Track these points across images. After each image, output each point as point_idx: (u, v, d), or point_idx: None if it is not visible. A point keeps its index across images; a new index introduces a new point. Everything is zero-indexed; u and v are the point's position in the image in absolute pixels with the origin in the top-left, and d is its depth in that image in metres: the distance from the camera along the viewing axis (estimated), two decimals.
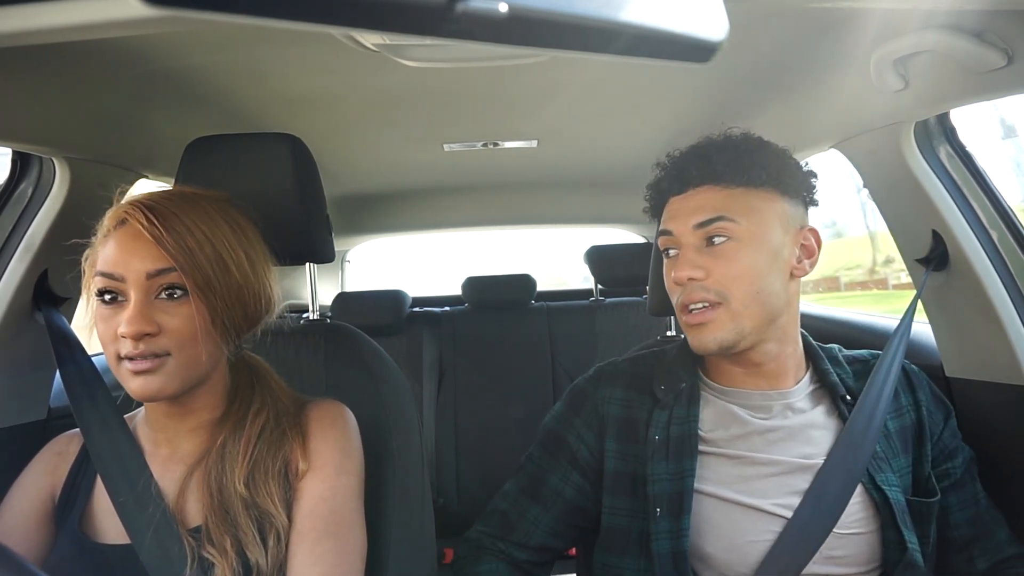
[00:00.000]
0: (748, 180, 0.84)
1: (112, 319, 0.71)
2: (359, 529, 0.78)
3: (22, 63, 0.85)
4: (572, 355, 2.16)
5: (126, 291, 0.71)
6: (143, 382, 0.71)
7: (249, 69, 1.06)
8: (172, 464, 0.79)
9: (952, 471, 0.89)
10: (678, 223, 0.86)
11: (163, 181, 1.28)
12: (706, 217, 0.84)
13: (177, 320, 0.71)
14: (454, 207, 2.31)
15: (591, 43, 0.30)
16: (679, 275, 0.83)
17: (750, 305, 0.82)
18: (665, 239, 0.89)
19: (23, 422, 1.06)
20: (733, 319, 0.82)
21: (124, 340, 0.69)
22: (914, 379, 0.93)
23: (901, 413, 0.90)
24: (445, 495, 2.06)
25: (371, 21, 0.26)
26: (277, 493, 0.76)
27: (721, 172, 0.85)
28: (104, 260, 0.72)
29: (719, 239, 0.83)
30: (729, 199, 0.84)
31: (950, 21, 0.79)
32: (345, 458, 0.80)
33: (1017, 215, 1.03)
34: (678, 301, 0.86)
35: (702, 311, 0.83)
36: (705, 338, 0.83)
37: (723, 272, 0.82)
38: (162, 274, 0.71)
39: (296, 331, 1.01)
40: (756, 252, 0.83)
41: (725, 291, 0.82)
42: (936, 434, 0.89)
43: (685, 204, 0.87)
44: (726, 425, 0.88)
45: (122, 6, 0.45)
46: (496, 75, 1.14)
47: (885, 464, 0.84)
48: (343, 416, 0.84)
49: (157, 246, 0.71)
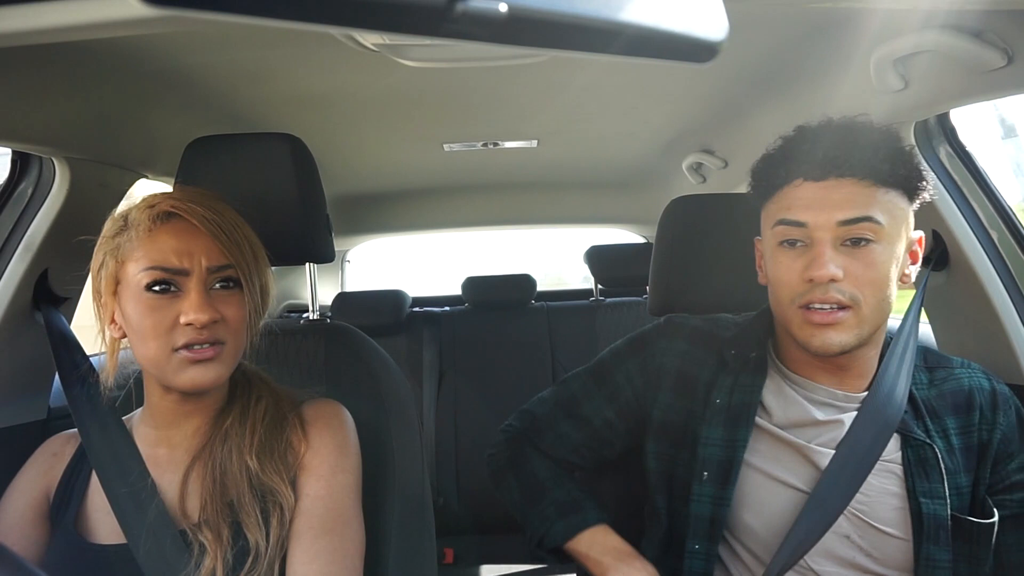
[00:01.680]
0: (893, 180, 0.78)
1: (167, 308, 0.72)
2: (357, 527, 0.79)
3: (22, 63, 0.85)
4: (572, 355, 2.16)
5: (184, 283, 0.73)
6: (202, 371, 0.73)
7: (249, 69, 1.06)
8: (172, 463, 0.79)
9: (1008, 504, 0.84)
10: (817, 214, 0.77)
11: (163, 181, 1.28)
12: (854, 215, 0.76)
13: (232, 310, 0.75)
14: (454, 207, 2.31)
15: (591, 43, 0.30)
16: (821, 274, 0.76)
17: (876, 311, 0.79)
18: (795, 230, 0.79)
19: (23, 422, 1.06)
20: (859, 324, 0.78)
21: (185, 328, 0.71)
22: (1000, 400, 0.86)
23: (970, 430, 0.84)
24: (445, 495, 2.06)
25: (371, 21, 0.26)
26: (283, 471, 0.77)
27: (873, 167, 0.77)
28: (160, 253, 0.72)
29: (862, 240, 0.77)
30: (875, 198, 0.77)
31: (950, 21, 0.79)
32: (342, 456, 0.81)
33: (1017, 215, 1.03)
34: (801, 298, 0.79)
35: (832, 312, 0.78)
36: (831, 339, 0.78)
37: (860, 275, 0.77)
38: (221, 269, 0.75)
39: (296, 331, 1.01)
40: (890, 258, 0.78)
41: (859, 295, 0.77)
42: (1003, 462, 0.84)
43: (827, 194, 0.77)
44: (785, 408, 0.87)
45: (122, 6, 0.45)
46: (496, 75, 1.14)
47: (936, 475, 0.81)
48: (339, 415, 0.85)
49: (215, 241, 0.74)
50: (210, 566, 0.70)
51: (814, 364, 0.86)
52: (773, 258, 0.83)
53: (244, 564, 0.72)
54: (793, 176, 0.80)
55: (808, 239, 0.79)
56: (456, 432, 2.10)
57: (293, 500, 0.76)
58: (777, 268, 0.82)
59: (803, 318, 0.80)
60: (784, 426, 0.86)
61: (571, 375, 1.04)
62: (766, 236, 0.85)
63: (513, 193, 2.24)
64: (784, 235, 0.81)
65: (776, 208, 0.82)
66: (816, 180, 0.78)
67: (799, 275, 0.79)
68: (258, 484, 0.76)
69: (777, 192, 0.82)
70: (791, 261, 0.80)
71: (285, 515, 0.75)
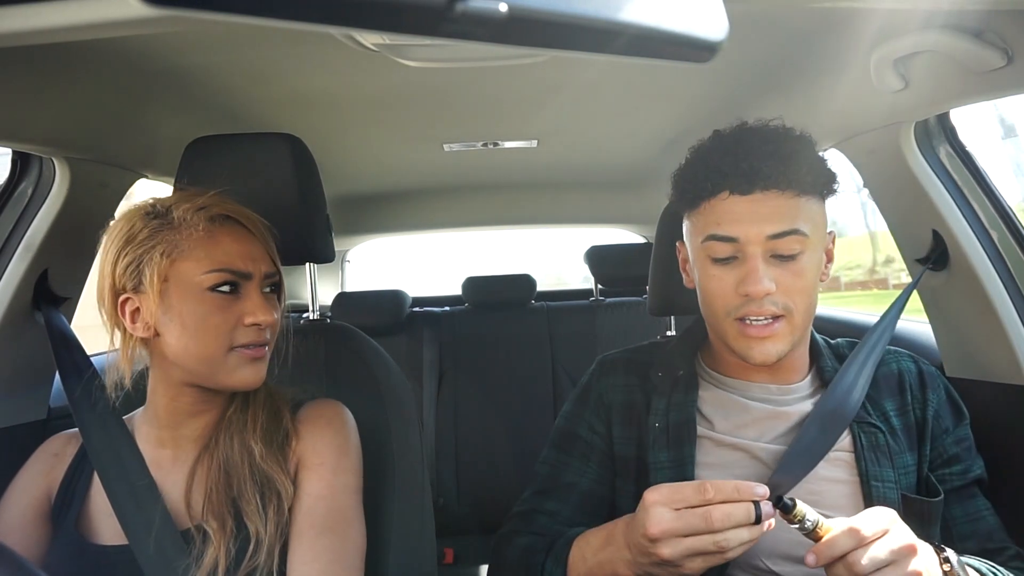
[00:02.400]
0: (814, 188, 0.80)
1: (231, 308, 0.75)
2: (358, 526, 0.79)
3: (22, 63, 0.85)
4: (572, 355, 2.16)
5: (245, 286, 0.77)
6: (255, 369, 0.78)
7: (249, 69, 1.06)
8: (178, 462, 0.79)
9: (948, 478, 0.87)
10: (746, 229, 0.78)
11: (163, 181, 1.28)
12: (782, 228, 0.78)
13: (277, 313, 0.80)
14: (454, 207, 2.31)
15: (591, 43, 0.30)
16: (756, 289, 0.77)
17: (805, 316, 0.82)
18: (726, 245, 0.80)
19: (23, 422, 1.06)
20: (792, 331, 0.81)
21: (248, 329, 0.76)
22: (928, 379, 0.90)
23: (905, 410, 0.89)
24: (445, 495, 2.06)
25: (371, 21, 0.26)
26: (282, 461, 0.79)
27: (796, 178, 0.78)
28: (226, 255, 0.76)
29: (791, 252, 0.79)
30: (799, 208, 0.79)
31: (950, 21, 0.79)
32: (342, 456, 0.81)
33: (1017, 215, 1.03)
34: (737, 311, 0.81)
35: (768, 324, 0.80)
36: (769, 350, 0.80)
37: (791, 285, 0.79)
38: (271, 276, 0.81)
39: (296, 331, 1.01)
40: (815, 264, 0.81)
41: (791, 304, 0.80)
42: (939, 438, 0.88)
43: (755, 208, 0.78)
44: (725, 414, 0.88)
45: (122, 6, 0.45)
46: (496, 75, 1.14)
47: (886, 459, 0.84)
48: (340, 415, 0.85)
49: (266, 248, 0.80)
50: (213, 556, 0.71)
51: (748, 367, 0.87)
52: (704, 271, 0.84)
53: (246, 554, 0.72)
54: (719, 189, 0.80)
55: (740, 253, 0.80)
56: (456, 432, 2.10)
57: (291, 489, 0.77)
58: (709, 281, 0.83)
59: (739, 331, 0.81)
60: (727, 431, 0.87)
61: (537, 464, 0.99)
62: (694, 247, 0.86)
63: (513, 193, 2.24)
64: (715, 251, 0.81)
65: (704, 222, 0.82)
66: (743, 194, 0.79)
67: (732, 289, 0.80)
68: (258, 471, 0.77)
69: (703, 204, 0.82)
70: (724, 275, 0.81)
71: (283, 503, 0.75)
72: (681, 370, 0.92)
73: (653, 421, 0.90)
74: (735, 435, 0.87)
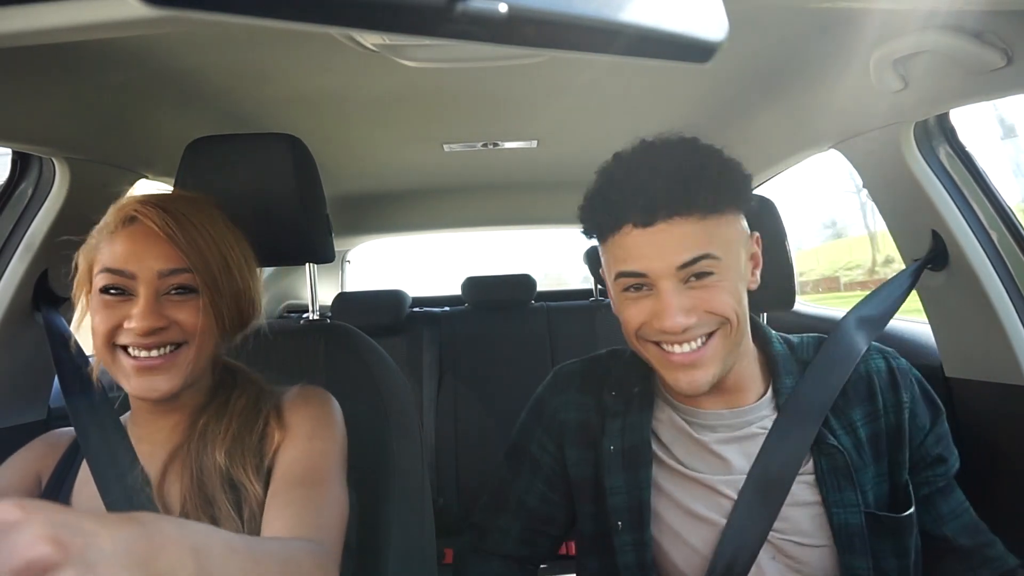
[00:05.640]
0: (722, 207, 0.75)
1: (114, 309, 0.72)
2: (337, 488, 0.76)
3: (22, 63, 0.85)
4: (572, 355, 2.12)
5: (134, 288, 0.72)
6: (149, 380, 0.72)
7: (249, 69, 1.06)
8: (152, 458, 0.79)
9: (933, 479, 0.84)
10: (653, 264, 0.74)
11: (163, 181, 1.28)
12: (692, 256, 0.73)
13: (184, 314, 0.73)
14: (454, 207, 2.31)
15: (591, 43, 0.30)
16: (670, 325, 0.73)
17: (736, 330, 0.77)
18: (634, 280, 0.77)
19: (23, 422, 1.06)
20: (726, 347, 0.77)
21: (128, 331, 0.71)
22: (900, 378, 0.84)
23: (876, 417, 0.83)
24: (445, 495, 2.06)
25: (371, 21, 0.26)
26: (252, 465, 0.76)
27: (699, 201, 0.73)
28: (113, 256, 0.72)
29: (707, 270, 0.74)
30: (709, 232, 0.74)
31: (950, 21, 0.79)
32: (318, 426, 0.79)
33: (1017, 215, 1.03)
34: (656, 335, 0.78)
35: (691, 353, 0.76)
36: (697, 380, 0.76)
37: (711, 304, 0.75)
38: (174, 274, 0.73)
39: (296, 331, 1.01)
40: (735, 278, 0.77)
41: (714, 322, 0.76)
42: (919, 439, 0.83)
43: (660, 240, 0.74)
44: (681, 445, 0.85)
45: (122, 6, 0.45)
46: (496, 75, 1.14)
47: (848, 483, 0.80)
48: (320, 396, 0.84)
49: (170, 245, 0.72)
50: None
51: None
52: (621, 303, 0.81)
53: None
54: (621, 223, 0.76)
55: (651, 285, 0.76)
56: (456, 432, 2.10)
57: (262, 495, 0.74)
58: (627, 312, 0.79)
59: (666, 359, 0.78)
60: (683, 461, 0.84)
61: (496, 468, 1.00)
62: (609, 279, 0.82)
63: (513, 193, 2.24)
64: (627, 286, 0.78)
65: (612, 257, 0.79)
66: (646, 226, 0.74)
67: (648, 320, 0.77)
68: (227, 479, 0.75)
69: (609, 238, 0.78)
70: (638, 308, 0.78)
71: (256, 512, 0.74)
72: (636, 387, 0.89)
73: (608, 444, 0.87)
74: (691, 467, 0.83)
